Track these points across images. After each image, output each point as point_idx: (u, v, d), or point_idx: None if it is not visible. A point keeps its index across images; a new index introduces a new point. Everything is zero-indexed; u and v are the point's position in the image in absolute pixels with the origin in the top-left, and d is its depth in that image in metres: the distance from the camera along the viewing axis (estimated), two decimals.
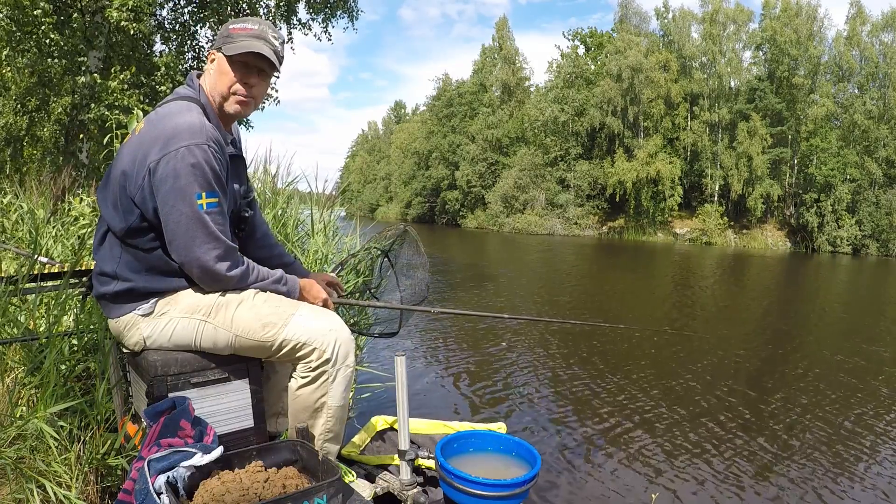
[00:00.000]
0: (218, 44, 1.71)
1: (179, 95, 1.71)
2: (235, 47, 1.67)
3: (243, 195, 1.89)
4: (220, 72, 1.71)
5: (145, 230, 1.62)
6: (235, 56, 1.68)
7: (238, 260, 1.70)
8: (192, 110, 1.63)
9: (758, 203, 34.04)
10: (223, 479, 1.45)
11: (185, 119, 1.58)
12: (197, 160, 1.54)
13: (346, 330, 1.79)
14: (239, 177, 1.85)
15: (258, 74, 1.73)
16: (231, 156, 1.75)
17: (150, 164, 1.55)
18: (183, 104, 1.65)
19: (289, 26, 12.65)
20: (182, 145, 1.54)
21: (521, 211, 41.58)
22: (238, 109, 1.74)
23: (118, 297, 1.67)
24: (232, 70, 1.69)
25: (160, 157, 1.54)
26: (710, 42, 36.44)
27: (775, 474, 3.22)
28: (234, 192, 1.79)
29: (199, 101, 1.69)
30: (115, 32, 9.35)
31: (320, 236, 3.72)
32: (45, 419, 1.66)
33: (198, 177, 1.55)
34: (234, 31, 1.69)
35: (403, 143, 61.32)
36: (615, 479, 3.08)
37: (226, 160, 1.68)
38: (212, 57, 1.74)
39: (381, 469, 2.35)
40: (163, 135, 1.56)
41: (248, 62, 1.69)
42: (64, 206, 4.52)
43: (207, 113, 1.68)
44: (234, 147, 1.82)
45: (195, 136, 1.56)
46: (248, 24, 1.71)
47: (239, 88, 1.71)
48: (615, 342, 6.53)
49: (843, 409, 4.38)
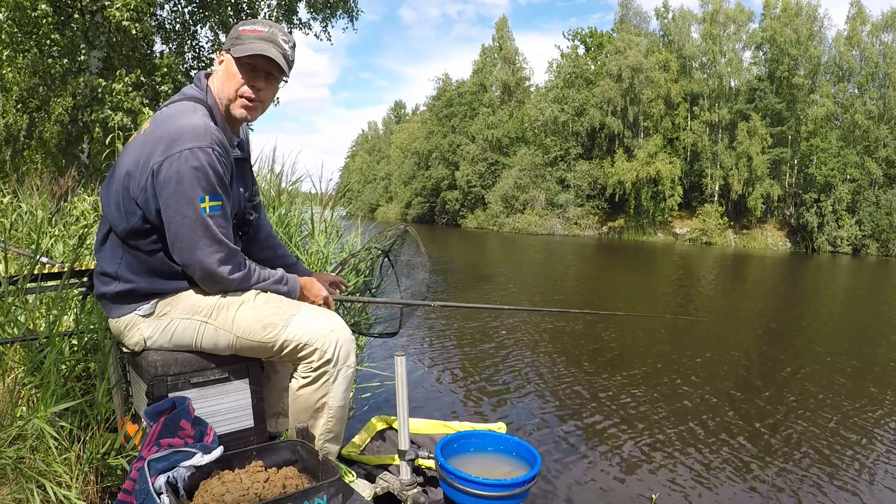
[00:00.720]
0: (227, 45, 1.70)
1: (186, 96, 1.69)
2: (243, 49, 1.64)
3: (248, 198, 1.88)
4: (227, 73, 1.69)
5: (147, 232, 1.62)
6: (243, 58, 1.65)
7: (240, 262, 1.69)
8: (198, 112, 1.62)
9: (758, 203, 34.04)
10: (223, 479, 1.45)
11: (190, 121, 1.57)
12: (200, 163, 1.53)
13: (346, 330, 1.79)
14: (244, 179, 1.85)
15: (265, 78, 1.70)
16: (237, 159, 1.74)
17: (153, 166, 1.54)
18: (189, 105, 1.64)
19: (290, 26, 12.65)
20: (186, 148, 1.53)
21: (521, 211, 41.59)
22: (244, 114, 1.71)
23: (119, 298, 1.67)
24: (239, 72, 1.67)
25: (163, 158, 1.53)
26: (710, 42, 36.45)
27: (775, 474, 3.21)
28: (238, 196, 1.78)
29: (205, 102, 1.67)
30: (115, 32, 9.35)
31: (322, 236, 3.72)
32: (46, 419, 1.66)
33: (201, 180, 1.54)
34: (243, 33, 1.67)
35: (403, 143, 61.33)
36: (615, 479, 3.08)
37: (230, 163, 1.67)
38: (220, 58, 1.72)
39: (382, 469, 2.34)
40: (167, 136, 1.55)
41: (255, 65, 1.67)
42: (66, 206, 4.53)
43: (214, 115, 1.67)
44: (240, 150, 1.81)
45: (199, 139, 1.54)
46: (258, 26, 1.68)
47: (245, 91, 1.68)
48: (615, 342, 6.53)
49: (843, 409, 4.38)
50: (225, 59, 1.70)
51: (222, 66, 1.71)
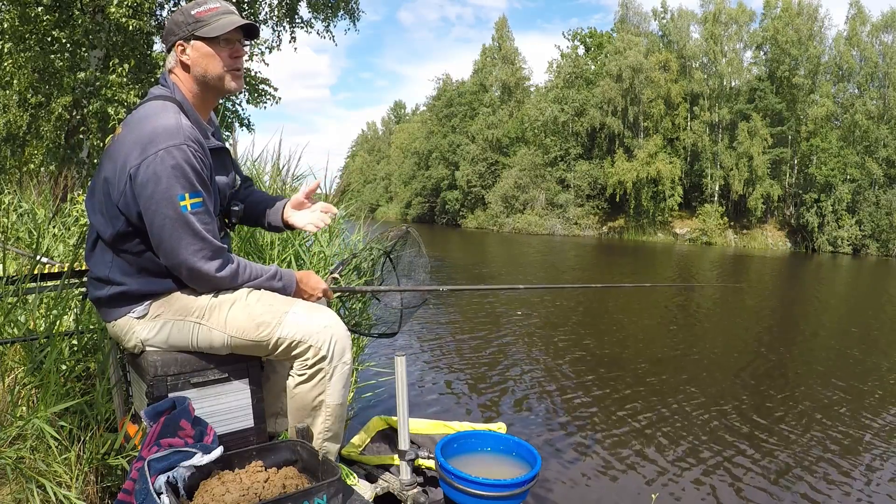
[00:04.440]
0: (185, 33, 1.66)
1: (154, 95, 1.68)
2: (216, 28, 1.64)
3: (232, 185, 1.87)
4: (206, 57, 1.66)
5: (132, 235, 1.61)
6: (221, 36, 1.65)
7: (227, 259, 1.68)
8: (168, 110, 1.61)
9: (758, 203, 34.02)
10: (223, 479, 1.45)
11: (161, 121, 1.56)
12: (177, 161, 1.52)
13: (341, 326, 1.77)
14: (225, 168, 1.83)
15: (241, 46, 1.73)
16: (213, 148, 1.73)
17: (130, 170, 1.53)
18: (158, 104, 1.63)
19: (291, 25, 12.64)
20: (161, 148, 1.52)
21: (521, 211, 41.59)
22: (237, 85, 1.73)
23: (112, 301, 1.67)
24: (218, 51, 1.67)
25: (140, 161, 1.52)
26: (711, 42, 36.44)
27: (775, 474, 3.21)
28: (221, 187, 1.77)
29: (174, 98, 1.66)
30: (114, 31, 9.35)
31: (324, 236, 3.71)
32: (46, 419, 1.66)
33: (179, 178, 1.53)
34: (201, 15, 1.65)
35: (403, 143, 61.34)
36: (615, 479, 3.08)
37: (208, 158, 1.65)
38: (181, 48, 1.67)
39: (382, 469, 2.34)
40: (141, 139, 1.54)
41: (230, 38, 1.68)
42: (65, 207, 4.52)
43: (185, 109, 1.66)
44: (215, 138, 1.79)
45: (173, 138, 1.54)
46: (209, 4, 1.67)
47: (234, 63, 1.70)
48: (615, 342, 6.53)
49: (844, 409, 4.38)
50: (190, 46, 1.66)
51: (189, 54, 1.67)
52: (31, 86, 9.96)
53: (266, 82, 12.40)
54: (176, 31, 1.67)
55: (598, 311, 8.77)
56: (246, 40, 1.75)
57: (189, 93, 1.71)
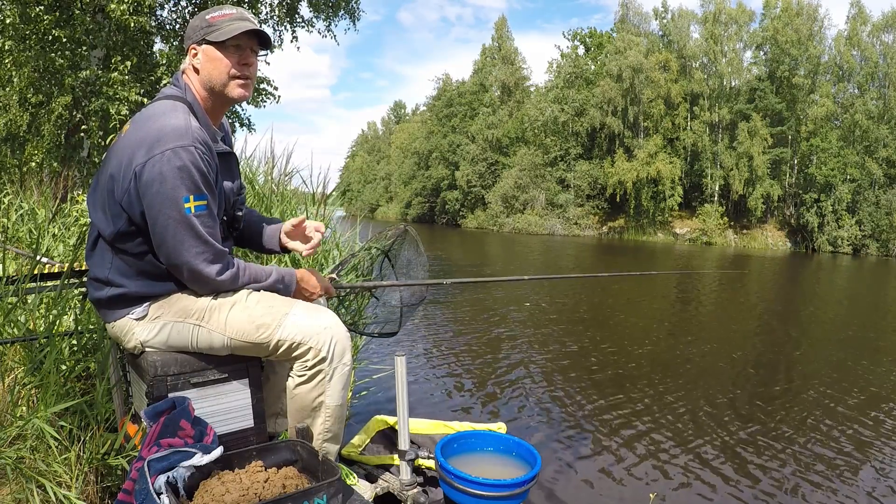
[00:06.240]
0: (198, 37, 1.66)
1: (165, 95, 1.68)
2: (226, 32, 1.63)
3: (236, 192, 1.87)
4: (212, 60, 1.66)
5: (134, 234, 1.60)
6: (228, 41, 1.64)
7: (228, 262, 1.67)
8: (178, 110, 1.60)
9: (758, 203, 34.04)
10: (223, 479, 1.45)
11: (171, 121, 1.55)
12: (183, 163, 1.51)
13: (341, 327, 1.77)
14: (231, 173, 1.82)
15: (252, 54, 1.71)
16: (221, 153, 1.72)
17: (135, 168, 1.52)
18: (168, 104, 1.62)
19: (292, 25, 12.63)
20: (168, 148, 1.51)
21: (521, 211, 41.60)
22: (242, 93, 1.70)
23: (111, 303, 1.66)
24: (226, 56, 1.65)
25: (146, 160, 1.51)
26: (711, 42, 36.45)
27: (775, 473, 3.21)
28: (226, 191, 1.76)
29: (185, 99, 1.66)
30: (115, 31, 9.35)
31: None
32: (46, 419, 1.66)
33: (184, 179, 1.52)
34: (214, 20, 1.65)
35: (403, 143, 61.35)
36: (615, 479, 3.08)
37: (214, 161, 1.64)
38: (194, 51, 1.68)
39: (382, 469, 2.34)
40: (148, 137, 1.53)
41: (240, 44, 1.66)
42: (65, 207, 4.52)
43: (195, 111, 1.65)
44: (224, 143, 1.79)
45: (181, 139, 1.53)
46: (224, 10, 1.67)
47: (239, 71, 1.67)
48: (615, 342, 6.53)
49: (844, 410, 4.38)
50: (201, 49, 1.67)
51: (199, 58, 1.67)
52: (32, 85, 9.95)
53: (266, 81, 12.41)
54: (191, 35, 1.68)
55: (598, 312, 8.77)
56: (261, 50, 1.73)
57: (199, 96, 1.70)
